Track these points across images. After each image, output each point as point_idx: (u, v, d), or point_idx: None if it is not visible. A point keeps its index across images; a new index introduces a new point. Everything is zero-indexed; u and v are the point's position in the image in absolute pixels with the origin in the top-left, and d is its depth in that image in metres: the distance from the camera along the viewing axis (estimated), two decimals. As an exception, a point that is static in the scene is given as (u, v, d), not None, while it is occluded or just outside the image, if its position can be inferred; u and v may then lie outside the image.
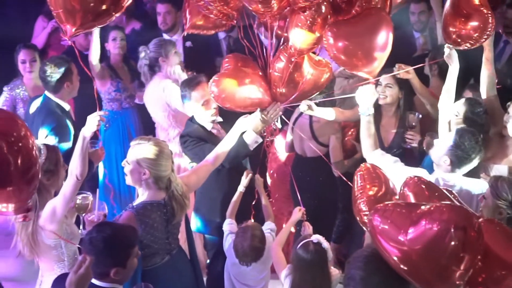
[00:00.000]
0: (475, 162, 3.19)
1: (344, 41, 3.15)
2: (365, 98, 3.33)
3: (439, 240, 1.82)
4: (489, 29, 3.30)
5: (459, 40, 3.35)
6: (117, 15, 2.63)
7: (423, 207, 1.95)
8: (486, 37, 3.33)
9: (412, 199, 2.31)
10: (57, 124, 3.97)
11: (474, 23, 3.28)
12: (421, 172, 3.07)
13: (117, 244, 2.48)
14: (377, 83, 3.37)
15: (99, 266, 2.42)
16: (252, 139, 3.47)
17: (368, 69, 3.20)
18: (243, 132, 3.48)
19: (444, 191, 2.39)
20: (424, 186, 2.35)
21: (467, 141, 3.12)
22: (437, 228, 1.83)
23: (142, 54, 4.71)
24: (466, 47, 3.38)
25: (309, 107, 3.75)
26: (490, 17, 3.27)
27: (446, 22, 3.39)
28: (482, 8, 3.28)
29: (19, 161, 1.86)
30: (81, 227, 3.13)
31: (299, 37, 3.11)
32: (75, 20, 2.47)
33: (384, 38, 3.14)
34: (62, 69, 4.05)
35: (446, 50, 3.45)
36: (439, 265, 1.83)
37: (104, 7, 2.49)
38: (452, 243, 1.80)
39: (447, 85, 3.59)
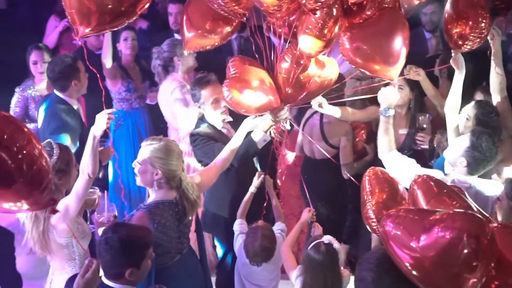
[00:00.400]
0: (491, 164, 3.13)
1: (361, 44, 3.09)
2: (387, 98, 3.25)
3: (452, 248, 1.81)
4: (484, 28, 3.26)
5: (459, 40, 3.32)
6: (129, 20, 2.64)
7: (436, 213, 1.93)
8: (482, 36, 3.28)
9: (421, 197, 2.30)
10: (61, 124, 3.98)
11: (469, 23, 3.25)
12: (437, 173, 3.02)
13: (133, 244, 2.49)
14: (387, 85, 3.32)
15: (114, 266, 2.44)
16: (260, 137, 3.47)
17: (387, 72, 3.13)
18: (250, 132, 3.48)
19: (453, 188, 2.37)
20: (432, 183, 2.33)
21: (484, 143, 3.04)
22: (449, 236, 1.81)
23: (155, 55, 4.72)
24: (467, 49, 3.35)
25: (320, 105, 3.74)
26: (485, 16, 3.24)
27: (446, 25, 3.36)
28: (477, 7, 3.25)
29: (16, 160, 1.85)
30: (88, 223, 3.14)
31: (309, 42, 3.02)
32: (90, 21, 2.47)
33: (401, 39, 3.06)
34: (69, 68, 4.05)
35: (452, 54, 3.42)
36: (451, 273, 1.82)
37: (122, 8, 2.49)
38: (465, 251, 1.79)
39: (453, 89, 3.55)
